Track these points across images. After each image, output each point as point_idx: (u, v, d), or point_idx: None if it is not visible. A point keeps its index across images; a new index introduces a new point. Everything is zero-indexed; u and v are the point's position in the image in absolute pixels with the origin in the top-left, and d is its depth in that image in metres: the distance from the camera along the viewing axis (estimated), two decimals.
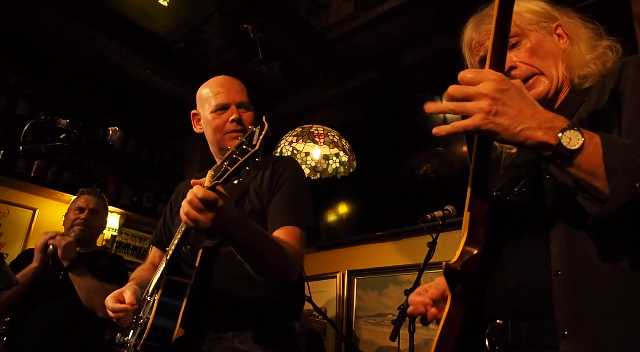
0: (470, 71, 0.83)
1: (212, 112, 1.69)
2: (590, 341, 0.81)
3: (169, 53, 3.87)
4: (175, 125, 4.74)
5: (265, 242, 1.35)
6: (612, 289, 0.83)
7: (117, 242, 4.56)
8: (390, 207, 3.92)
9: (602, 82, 1.01)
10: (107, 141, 2.02)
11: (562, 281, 0.86)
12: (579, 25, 1.13)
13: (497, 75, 0.82)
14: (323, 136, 3.38)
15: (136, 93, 4.38)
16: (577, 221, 0.88)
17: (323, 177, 3.48)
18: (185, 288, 1.43)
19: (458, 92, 0.82)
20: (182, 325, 1.38)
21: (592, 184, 0.80)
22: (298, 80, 4.12)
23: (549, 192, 0.95)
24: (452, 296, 0.96)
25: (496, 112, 0.79)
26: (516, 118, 0.79)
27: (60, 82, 4.26)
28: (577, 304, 0.84)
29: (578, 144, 0.78)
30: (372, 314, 3.79)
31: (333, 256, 4.22)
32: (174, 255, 1.45)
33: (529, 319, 0.91)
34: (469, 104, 0.80)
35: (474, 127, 0.80)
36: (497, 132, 0.80)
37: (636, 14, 2.39)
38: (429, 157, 3.80)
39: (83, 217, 2.68)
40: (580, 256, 0.86)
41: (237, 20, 3.36)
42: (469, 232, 0.96)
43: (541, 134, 0.79)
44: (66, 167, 4.14)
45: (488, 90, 0.79)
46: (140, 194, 4.66)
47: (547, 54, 1.10)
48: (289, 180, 1.61)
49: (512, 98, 0.80)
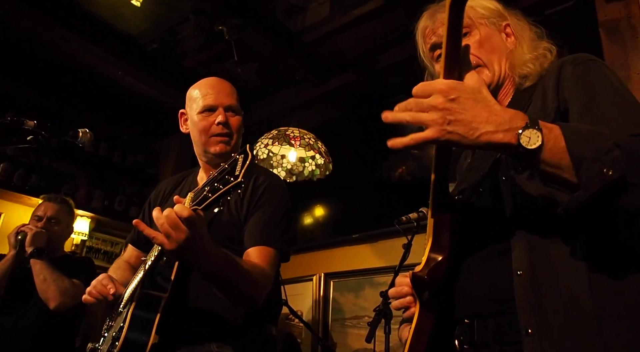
0: (420, 85, 0.84)
1: (199, 113, 1.66)
2: (553, 339, 0.82)
3: (143, 54, 3.81)
4: (150, 127, 4.66)
5: (232, 270, 1.33)
6: (573, 288, 0.84)
7: (87, 247, 4.45)
8: (366, 210, 3.94)
9: (543, 82, 1.05)
10: (77, 143, 1.97)
11: (523, 281, 0.88)
12: (525, 27, 1.17)
13: (446, 85, 0.82)
14: (299, 139, 3.37)
15: (109, 94, 4.29)
16: (537, 222, 0.90)
17: (299, 179, 3.48)
18: (160, 301, 1.41)
19: (414, 105, 0.83)
20: (156, 338, 1.36)
21: (560, 176, 0.80)
22: (275, 82, 4.11)
23: (507, 195, 0.97)
24: (420, 305, 0.97)
25: (449, 122, 0.80)
26: (471, 124, 0.80)
27: (31, 82, 4.13)
28: (539, 304, 0.85)
29: (538, 143, 0.78)
30: (349, 317, 3.79)
31: (309, 258, 4.21)
32: (151, 268, 1.42)
33: (493, 317, 0.93)
34: (424, 116, 0.81)
35: (432, 139, 0.81)
36: (455, 141, 0.81)
37: (602, 21, 2.47)
38: (405, 160, 3.84)
39: (40, 226, 2.61)
40: (540, 257, 0.88)
41: (212, 22, 3.32)
42: (434, 238, 0.97)
43: (501, 137, 0.79)
44: (34, 170, 4.03)
45: (437, 103, 0.80)
46: (112, 197, 4.56)
47: (494, 48, 1.12)
48: (269, 201, 1.59)
49: (463, 106, 0.80)
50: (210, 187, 1.15)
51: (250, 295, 1.41)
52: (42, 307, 2.36)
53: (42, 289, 2.35)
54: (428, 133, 0.81)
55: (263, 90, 4.19)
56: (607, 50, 2.40)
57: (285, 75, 3.96)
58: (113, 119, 4.66)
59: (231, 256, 1.35)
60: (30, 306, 2.41)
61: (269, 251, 1.50)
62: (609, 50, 2.40)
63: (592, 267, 0.84)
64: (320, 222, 4.35)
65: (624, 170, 0.74)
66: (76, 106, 4.39)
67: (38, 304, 2.37)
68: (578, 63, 1.00)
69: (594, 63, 1.00)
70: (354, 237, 3.94)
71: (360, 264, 3.84)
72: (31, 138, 1.88)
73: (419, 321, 0.96)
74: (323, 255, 4.18)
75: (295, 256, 4.42)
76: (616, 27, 2.40)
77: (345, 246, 4.04)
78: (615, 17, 2.42)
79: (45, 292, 2.35)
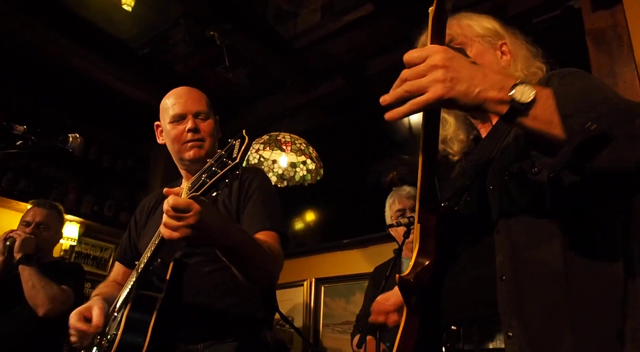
0: (414, 50, 0.84)
1: (170, 123, 1.69)
2: (532, 342, 0.85)
3: (133, 58, 3.79)
4: (140, 132, 4.62)
5: (250, 245, 1.34)
6: (552, 293, 0.87)
7: (77, 253, 4.40)
8: (357, 215, 3.95)
9: None
10: (67, 148, 1.95)
11: (505, 286, 0.90)
12: (522, 46, 1.21)
13: (441, 47, 0.84)
14: (290, 144, 3.38)
15: (100, 98, 4.27)
16: (521, 230, 0.93)
17: (290, 185, 3.48)
18: (155, 302, 1.40)
19: (409, 73, 0.82)
20: (151, 339, 1.35)
21: (549, 133, 0.81)
22: (266, 87, 4.11)
23: (493, 203, 0.99)
24: (408, 309, 0.99)
25: (452, 78, 0.80)
26: (471, 81, 0.81)
27: (21, 86, 4.09)
28: (519, 308, 0.88)
29: (531, 97, 0.79)
30: (339, 322, 3.79)
31: (300, 263, 4.21)
32: (144, 269, 1.42)
33: (477, 322, 0.95)
34: (424, 80, 0.80)
35: (435, 99, 0.79)
36: (457, 98, 0.80)
37: (588, 29, 2.51)
38: (395, 165, 3.86)
39: (29, 232, 2.59)
40: (523, 262, 0.91)
41: (203, 27, 3.33)
42: (420, 243, 0.99)
43: (495, 93, 0.81)
44: (23, 175, 3.98)
45: (438, 61, 0.80)
46: (102, 202, 4.52)
47: (485, 64, 1.15)
48: (258, 189, 1.62)
49: (461, 64, 0.82)
50: (208, 173, 1.16)
51: (269, 271, 1.42)
52: (30, 313, 2.34)
53: (30, 296, 2.33)
54: (431, 93, 0.79)
55: (254, 95, 4.19)
56: (594, 59, 2.44)
57: (276, 80, 3.97)
58: (103, 123, 4.62)
59: (246, 232, 1.37)
60: (18, 312, 2.39)
61: (273, 234, 1.53)
62: (596, 58, 2.43)
63: (571, 274, 0.87)
64: (311, 227, 4.35)
65: (612, 121, 0.75)
66: (66, 110, 4.35)
67: (26, 310, 2.35)
68: (565, 75, 1.03)
69: (581, 72, 1.03)
70: (344, 242, 3.95)
71: (351, 269, 3.85)
72: (20, 143, 1.86)
73: (406, 324, 0.98)
74: (314, 260, 4.17)
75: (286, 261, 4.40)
76: (603, 36, 2.44)
77: (336, 251, 4.04)
78: (602, 26, 2.46)
79: (34, 299, 2.33)
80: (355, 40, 3.53)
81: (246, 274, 1.36)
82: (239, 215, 1.59)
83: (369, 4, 3.20)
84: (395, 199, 2.81)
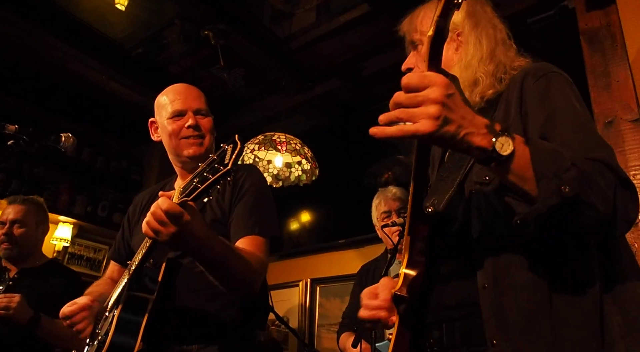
0: (416, 76, 0.81)
1: (169, 119, 1.67)
2: (515, 349, 0.86)
3: (127, 58, 3.76)
4: (134, 133, 4.59)
5: (229, 257, 1.33)
6: (533, 301, 0.88)
7: (70, 254, 4.37)
8: (352, 215, 3.94)
9: (507, 91, 1.06)
10: (60, 148, 1.93)
11: (487, 294, 0.91)
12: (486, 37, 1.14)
13: (443, 80, 0.80)
14: (285, 144, 3.37)
15: (93, 99, 4.24)
16: (502, 236, 0.93)
17: (285, 185, 3.47)
18: (147, 303, 1.39)
19: (405, 99, 0.80)
20: (143, 340, 1.35)
21: (522, 187, 0.83)
22: (261, 88, 4.10)
23: (474, 210, 0.99)
24: (400, 318, 1.00)
25: (445, 117, 0.78)
26: (461, 122, 0.80)
27: (14, 87, 4.05)
28: (502, 315, 0.89)
29: (509, 150, 0.80)
30: (335, 322, 3.77)
31: (295, 264, 4.20)
32: (136, 270, 1.41)
33: (460, 320, 0.97)
34: (418, 110, 0.78)
35: (425, 133, 0.78)
36: (446, 138, 0.79)
37: (582, 29, 2.52)
38: (390, 165, 3.86)
39: (3, 232, 2.47)
40: (503, 270, 0.91)
41: (198, 27, 3.31)
42: (409, 254, 0.99)
43: (479, 139, 0.81)
44: (14, 175, 3.95)
45: (437, 96, 0.78)
46: (95, 203, 4.50)
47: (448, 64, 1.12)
48: (251, 189, 1.60)
49: (456, 103, 0.80)
50: (200, 178, 1.15)
51: (248, 283, 1.41)
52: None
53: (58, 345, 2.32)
54: (421, 126, 0.77)
55: (249, 95, 4.18)
56: (588, 58, 2.45)
57: (271, 80, 3.96)
58: (96, 124, 4.60)
59: (227, 243, 1.35)
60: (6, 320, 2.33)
61: (259, 239, 1.51)
62: (590, 58, 2.44)
63: (551, 282, 0.88)
64: (307, 227, 4.35)
65: (578, 189, 0.78)
66: (59, 111, 4.32)
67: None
68: (539, 76, 1.02)
69: (555, 77, 1.02)
70: (340, 242, 3.94)
71: (346, 269, 3.84)
72: (12, 143, 1.84)
73: (399, 332, 1.00)
74: (309, 261, 4.17)
75: (281, 261, 4.43)
76: (597, 35, 2.45)
77: (332, 252, 4.04)
78: (596, 26, 2.47)
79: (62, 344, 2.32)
80: (351, 41, 3.53)
81: (223, 283, 1.36)
82: (232, 214, 1.57)
83: (364, 4, 3.19)
84: (382, 200, 2.80)
